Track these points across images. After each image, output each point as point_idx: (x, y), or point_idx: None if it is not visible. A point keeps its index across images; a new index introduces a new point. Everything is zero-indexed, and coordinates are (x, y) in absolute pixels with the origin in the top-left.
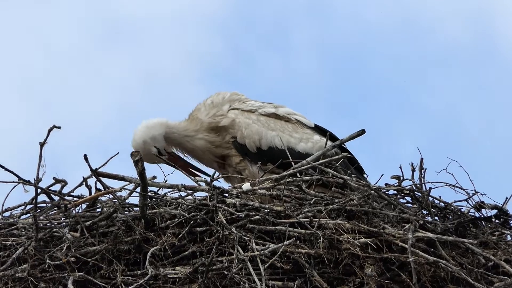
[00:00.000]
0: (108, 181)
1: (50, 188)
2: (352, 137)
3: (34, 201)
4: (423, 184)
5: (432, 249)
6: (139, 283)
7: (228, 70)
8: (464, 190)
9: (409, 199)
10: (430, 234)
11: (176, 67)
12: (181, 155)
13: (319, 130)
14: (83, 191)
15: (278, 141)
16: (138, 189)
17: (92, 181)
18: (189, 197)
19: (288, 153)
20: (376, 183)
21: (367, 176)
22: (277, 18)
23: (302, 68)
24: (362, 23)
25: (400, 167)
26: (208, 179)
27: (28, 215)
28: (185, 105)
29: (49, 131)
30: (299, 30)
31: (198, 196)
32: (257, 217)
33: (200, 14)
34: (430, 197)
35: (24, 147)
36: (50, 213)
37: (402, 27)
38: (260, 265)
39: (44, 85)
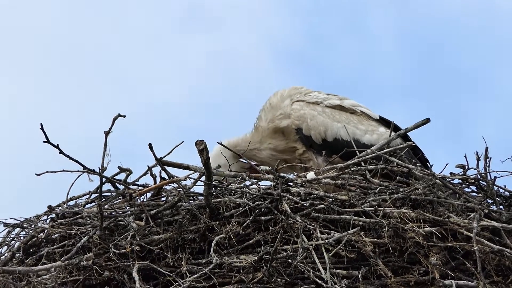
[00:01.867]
0: (173, 170)
1: (115, 177)
2: (417, 126)
3: (99, 190)
4: (488, 173)
5: (497, 238)
6: (204, 271)
7: (304, 54)
8: None
9: (474, 188)
10: (495, 223)
11: (252, 51)
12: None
13: (384, 122)
14: (148, 180)
15: (344, 132)
16: (203, 178)
17: (157, 170)
18: (254, 186)
19: (354, 144)
20: (441, 172)
21: (432, 165)
22: (354, 1)
23: (379, 52)
24: (438, 7)
25: (465, 156)
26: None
27: (93, 204)
28: (261, 89)
29: (114, 119)
30: (376, 13)
31: (262, 185)
32: (321, 206)
33: None
34: (495, 186)
35: (90, 136)
36: (115, 202)
37: (479, 11)
38: (324, 253)
39: (115, 71)
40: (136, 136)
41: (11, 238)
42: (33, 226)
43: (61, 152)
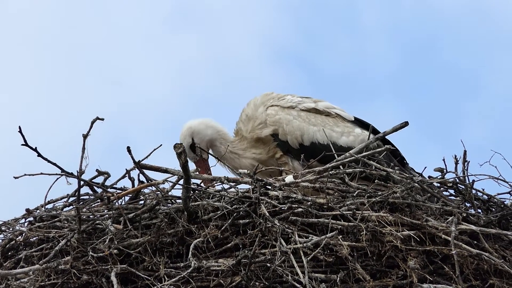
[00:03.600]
0: (151, 173)
1: (93, 180)
2: (395, 129)
3: (77, 193)
4: (466, 177)
5: (475, 242)
6: (182, 275)
7: (298, 51)
8: (507, 182)
9: (452, 191)
10: (473, 227)
11: (246, 49)
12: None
13: (359, 123)
14: (126, 183)
15: (320, 136)
16: (181, 182)
17: (135, 173)
18: (232, 189)
19: (331, 147)
20: (419, 176)
21: (409, 166)
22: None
23: (372, 49)
24: (432, 5)
25: (443, 160)
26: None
27: (71, 207)
28: (254, 88)
29: (92, 123)
30: (370, 11)
31: (241, 189)
32: (300, 209)
33: None
34: (473, 190)
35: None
36: (93, 205)
37: (471, 10)
38: (303, 257)
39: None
40: (128, 134)
41: None
42: (11, 229)
43: (39, 155)
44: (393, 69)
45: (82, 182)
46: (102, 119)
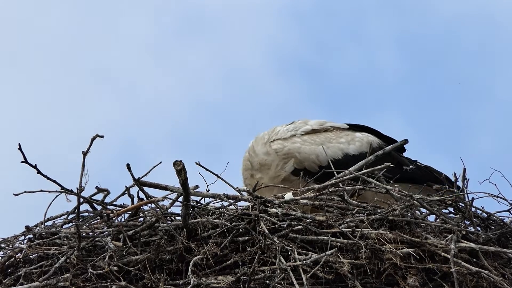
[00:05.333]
0: (150, 191)
1: (92, 198)
2: (395, 147)
3: (76, 210)
4: (465, 194)
5: (475, 259)
6: None
7: (305, 60)
8: (506, 200)
9: (451, 209)
10: (472, 245)
11: (252, 58)
12: None
13: (355, 127)
14: (125, 200)
15: (332, 152)
16: (181, 199)
17: (134, 190)
18: (232, 206)
19: (344, 160)
20: (419, 193)
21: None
22: (355, 8)
23: (380, 59)
24: (439, 14)
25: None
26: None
27: (71, 224)
28: (262, 94)
29: (92, 140)
30: (378, 20)
31: (240, 206)
32: (299, 226)
33: (278, 5)
34: (472, 207)
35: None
36: (93, 222)
37: (480, 18)
38: (302, 275)
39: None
40: (136, 144)
41: None
42: (10, 246)
43: (39, 172)
44: (402, 78)
45: (81, 199)
46: (102, 137)
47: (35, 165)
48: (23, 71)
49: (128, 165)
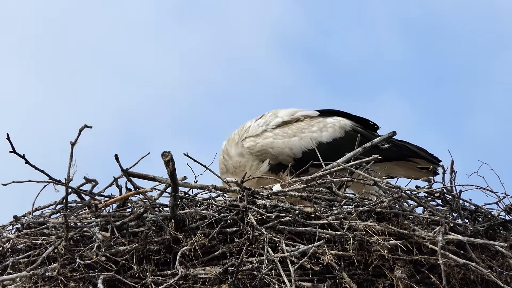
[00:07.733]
0: (138, 181)
1: (80, 188)
2: (383, 139)
3: (64, 201)
4: (453, 187)
5: (462, 252)
6: (169, 283)
7: (306, 42)
8: (494, 193)
9: (439, 201)
10: (460, 237)
11: (254, 40)
12: None
13: (325, 113)
14: (113, 191)
15: (305, 143)
16: (169, 190)
17: (122, 181)
18: (220, 197)
19: (317, 150)
20: (406, 185)
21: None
22: None
23: (381, 41)
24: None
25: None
26: None
27: (59, 214)
28: (265, 81)
29: (80, 130)
30: (380, 4)
31: (228, 197)
32: (287, 218)
33: None
34: (460, 200)
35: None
36: (81, 212)
37: (480, 3)
38: (290, 266)
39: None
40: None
41: None
42: None
43: (27, 162)
44: (403, 61)
45: (69, 190)
46: (90, 127)
47: (23, 155)
48: (24, 58)
49: (116, 155)
